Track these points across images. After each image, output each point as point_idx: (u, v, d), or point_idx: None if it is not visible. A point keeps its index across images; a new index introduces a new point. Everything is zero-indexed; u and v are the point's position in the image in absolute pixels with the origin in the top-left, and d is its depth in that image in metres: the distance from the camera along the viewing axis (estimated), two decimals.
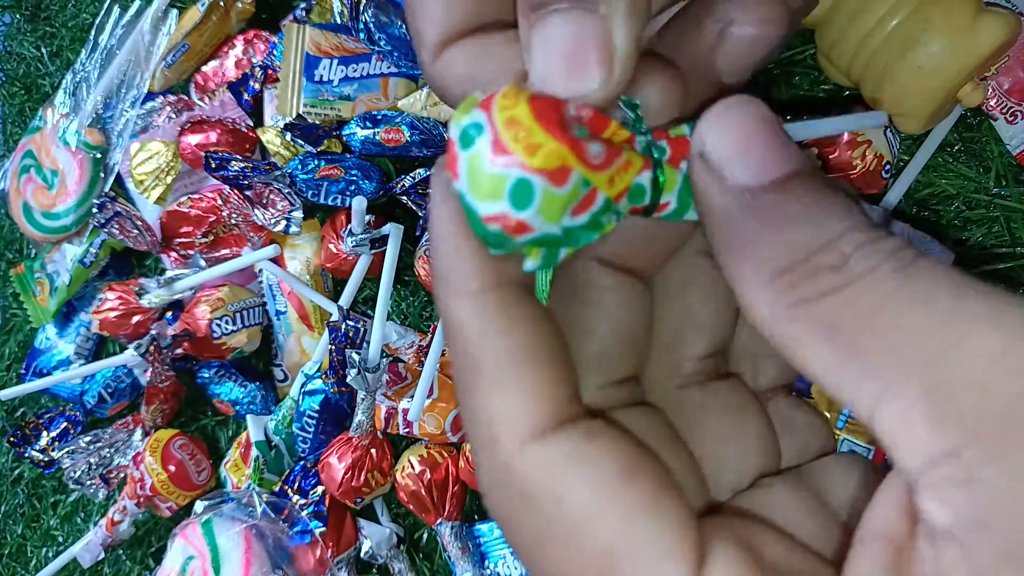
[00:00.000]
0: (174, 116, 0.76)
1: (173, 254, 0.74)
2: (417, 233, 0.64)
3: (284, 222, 0.65)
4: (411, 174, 0.64)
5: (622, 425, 0.17)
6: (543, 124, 0.13)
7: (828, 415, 0.53)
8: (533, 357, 0.15)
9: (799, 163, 0.15)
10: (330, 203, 0.65)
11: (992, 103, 0.52)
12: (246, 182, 0.65)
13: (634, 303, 0.19)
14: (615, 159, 0.14)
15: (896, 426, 0.13)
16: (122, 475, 0.75)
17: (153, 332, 0.69)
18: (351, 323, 0.60)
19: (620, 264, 0.18)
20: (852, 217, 0.15)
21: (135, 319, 0.72)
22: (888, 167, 0.53)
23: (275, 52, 0.72)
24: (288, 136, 0.66)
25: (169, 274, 0.72)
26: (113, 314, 0.72)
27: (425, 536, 0.67)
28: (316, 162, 0.65)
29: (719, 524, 0.16)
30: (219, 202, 0.70)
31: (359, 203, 0.61)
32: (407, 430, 0.63)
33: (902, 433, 0.13)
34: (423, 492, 0.61)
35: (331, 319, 0.61)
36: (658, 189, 0.16)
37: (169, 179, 0.72)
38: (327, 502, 0.63)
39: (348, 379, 0.59)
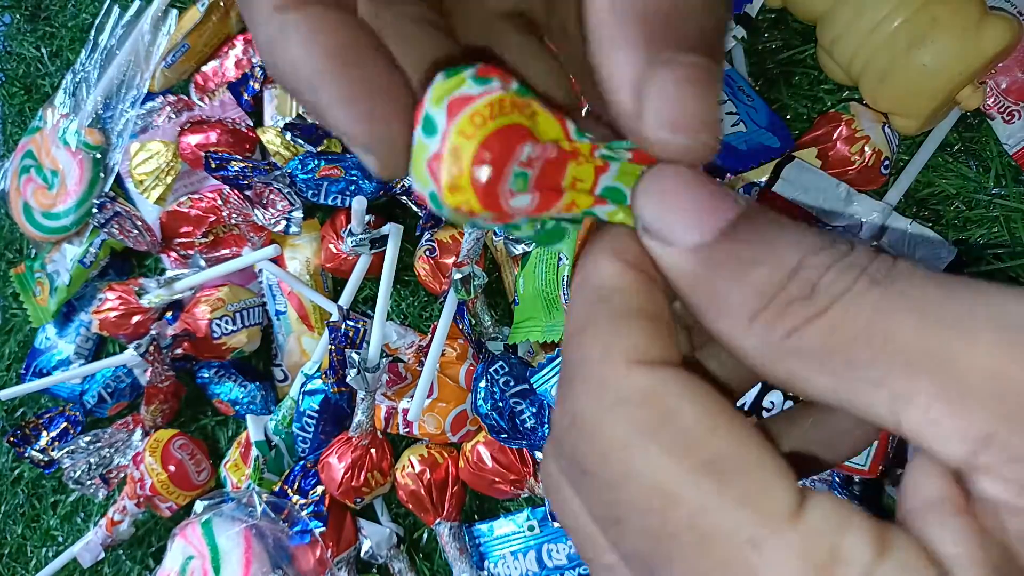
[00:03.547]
0: (174, 116, 0.76)
1: (173, 254, 0.74)
2: (417, 233, 0.64)
3: (284, 222, 0.66)
4: None
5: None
6: (476, 192, 0.15)
7: None
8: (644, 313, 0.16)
9: (738, 208, 0.16)
10: (330, 203, 0.65)
11: (990, 102, 0.52)
12: (246, 182, 0.65)
13: None
14: (551, 204, 0.16)
15: (922, 427, 0.14)
16: (122, 475, 0.75)
17: (153, 332, 0.69)
18: (351, 323, 0.60)
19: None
20: (808, 240, 0.15)
21: (135, 319, 0.72)
22: (887, 163, 0.53)
23: None
24: (288, 136, 0.66)
25: (169, 274, 0.72)
26: (113, 314, 0.72)
27: (425, 536, 0.67)
28: (316, 162, 0.65)
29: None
30: (219, 202, 0.70)
31: (359, 203, 0.61)
32: (407, 430, 0.63)
33: (930, 432, 0.14)
34: (422, 492, 0.61)
35: (331, 319, 0.61)
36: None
37: (169, 179, 0.72)
38: (327, 502, 0.63)
39: (348, 379, 0.59)
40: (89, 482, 0.74)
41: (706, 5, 0.16)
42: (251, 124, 0.73)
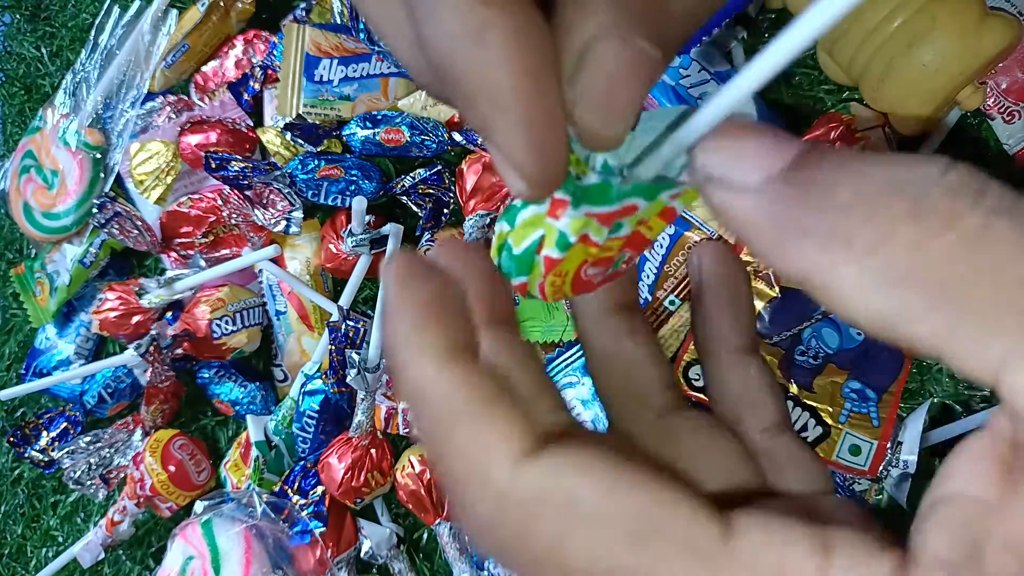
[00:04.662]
0: (174, 116, 0.76)
1: (173, 254, 0.74)
2: (417, 233, 0.64)
3: (284, 222, 0.66)
4: (411, 174, 0.64)
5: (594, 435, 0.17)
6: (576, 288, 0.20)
7: (831, 409, 0.53)
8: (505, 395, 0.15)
9: (800, 146, 0.15)
10: (330, 203, 0.65)
11: (990, 102, 0.52)
12: (246, 182, 0.65)
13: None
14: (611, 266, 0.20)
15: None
16: (122, 475, 0.75)
17: (153, 332, 0.69)
18: (351, 323, 0.60)
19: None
20: (898, 160, 0.13)
21: (135, 319, 0.72)
22: None
23: (275, 52, 0.72)
24: (288, 136, 0.66)
25: (169, 274, 0.72)
26: (113, 314, 0.72)
27: (425, 536, 0.67)
28: (316, 162, 0.65)
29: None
30: (219, 202, 0.70)
31: (359, 203, 0.61)
32: (407, 430, 0.63)
33: None
34: (422, 492, 0.61)
35: (331, 319, 0.61)
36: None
37: (169, 179, 0.72)
38: (327, 502, 0.63)
39: (348, 379, 0.59)
40: (89, 482, 0.74)
41: None
42: (251, 124, 0.73)
